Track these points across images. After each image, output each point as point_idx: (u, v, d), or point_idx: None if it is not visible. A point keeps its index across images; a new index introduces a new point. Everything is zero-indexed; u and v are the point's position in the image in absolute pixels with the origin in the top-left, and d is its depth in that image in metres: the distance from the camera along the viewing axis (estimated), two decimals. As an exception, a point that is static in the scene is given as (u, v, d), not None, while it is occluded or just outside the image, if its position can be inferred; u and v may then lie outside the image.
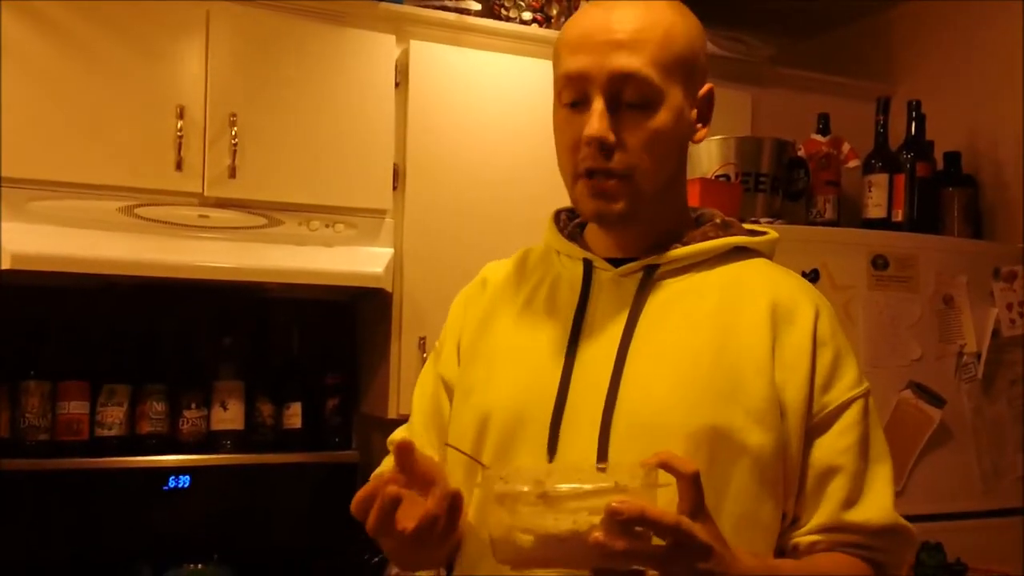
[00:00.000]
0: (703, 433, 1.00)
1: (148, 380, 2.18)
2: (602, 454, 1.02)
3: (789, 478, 1.03)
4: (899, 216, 2.53)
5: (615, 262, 1.11)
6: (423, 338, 2.25)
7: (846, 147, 2.64)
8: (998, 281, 2.45)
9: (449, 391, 1.19)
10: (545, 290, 1.15)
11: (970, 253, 2.46)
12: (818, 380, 1.05)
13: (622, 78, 1.03)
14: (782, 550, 1.05)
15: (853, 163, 2.63)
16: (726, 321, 1.06)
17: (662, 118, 1.05)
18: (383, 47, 2.27)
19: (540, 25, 2.50)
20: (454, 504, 0.94)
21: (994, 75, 2.72)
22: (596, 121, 1.03)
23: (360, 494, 0.93)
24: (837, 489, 1.03)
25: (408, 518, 0.92)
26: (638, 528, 0.83)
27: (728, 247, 1.12)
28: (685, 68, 1.06)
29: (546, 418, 1.06)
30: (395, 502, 0.91)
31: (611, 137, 1.03)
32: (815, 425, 1.05)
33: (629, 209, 1.06)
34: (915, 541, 1.08)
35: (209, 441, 2.20)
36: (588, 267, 1.12)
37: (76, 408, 2.11)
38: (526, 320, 1.13)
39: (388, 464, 1.20)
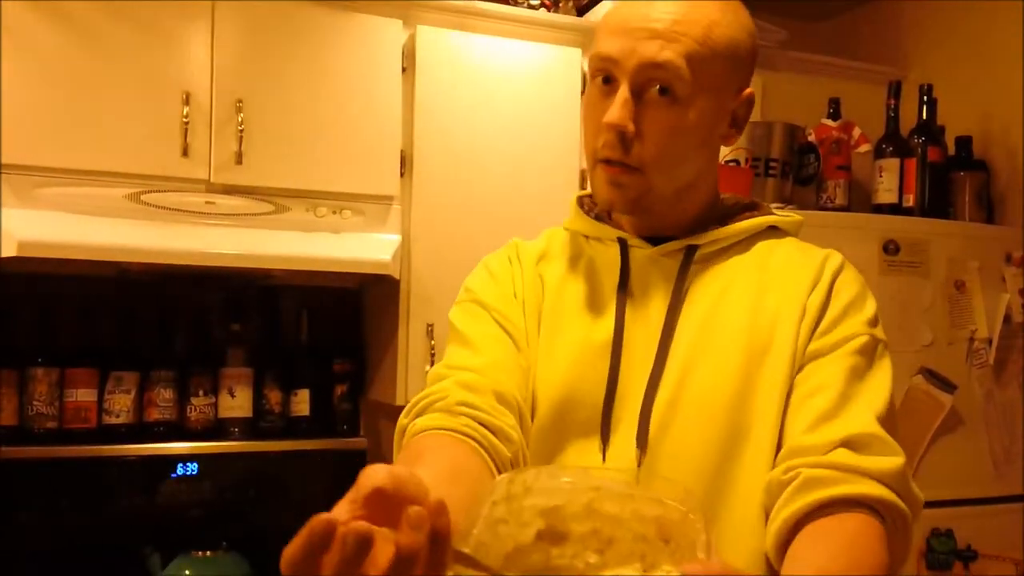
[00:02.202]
0: (743, 414, 1.01)
1: (156, 367, 2.18)
2: (642, 435, 1.03)
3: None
4: (910, 201, 2.51)
5: (650, 241, 1.10)
6: (431, 325, 2.25)
7: (857, 132, 2.61)
8: (1010, 266, 2.43)
9: (508, 324, 1.11)
10: (582, 268, 1.13)
11: (982, 238, 2.44)
12: (827, 318, 1.04)
13: (651, 67, 1.00)
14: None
15: (864, 148, 2.61)
16: (764, 299, 1.06)
17: (688, 115, 1.02)
18: (390, 32, 2.25)
19: (548, 10, 2.48)
20: (438, 534, 0.65)
21: (1006, 59, 2.69)
22: (617, 108, 1.01)
23: (297, 543, 0.63)
24: (818, 403, 1.00)
25: (372, 565, 0.63)
26: None
27: (764, 226, 1.12)
28: (723, 68, 1.04)
29: (597, 402, 1.05)
30: (363, 544, 0.62)
31: (630, 127, 1.01)
32: (816, 350, 1.03)
33: (640, 203, 1.06)
34: (900, 456, 0.97)
35: (217, 428, 2.20)
36: (624, 247, 1.11)
37: (84, 395, 2.11)
38: (566, 297, 1.12)
39: (443, 384, 1.05)
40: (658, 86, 1.01)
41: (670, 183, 1.06)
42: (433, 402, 1.03)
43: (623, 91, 1.01)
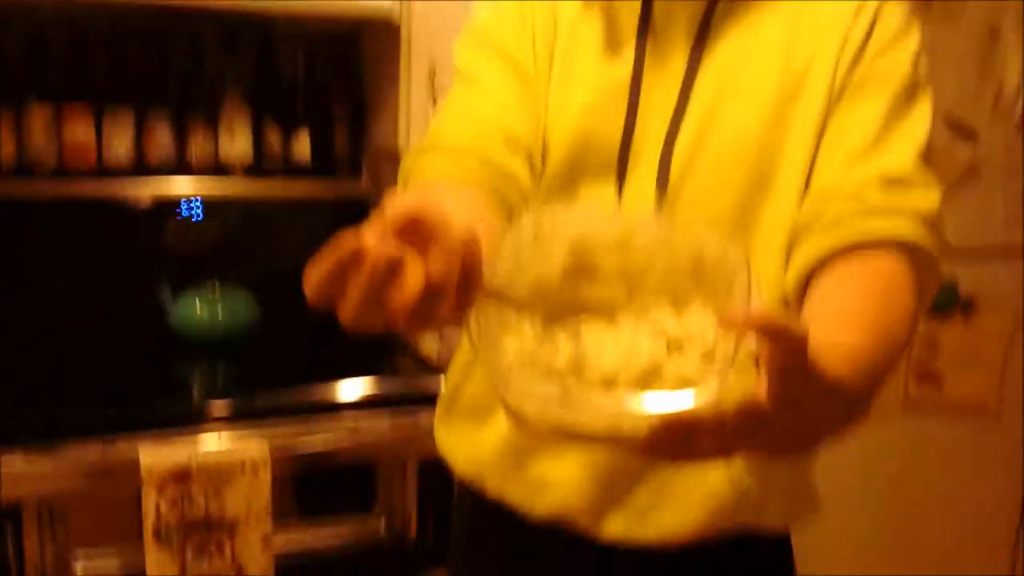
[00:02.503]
0: (772, 155, 0.96)
1: (152, 105, 2.11)
2: (663, 176, 0.99)
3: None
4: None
5: None
6: (433, 67, 2.15)
7: None
8: (1047, 13, 2.31)
9: (521, 73, 1.05)
10: (600, 6, 1.05)
11: (1021, -18, 2.31)
12: (871, 46, 0.96)
13: None
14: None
15: None
16: (800, 32, 0.99)
17: None
18: None
19: None
20: (469, 265, 0.61)
21: None
22: None
23: (323, 264, 0.60)
24: (854, 138, 0.95)
25: (400, 294, 0.60)
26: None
27: None
28: None
29: (614, 144, 1.00)
30: (392, 270, 0.59)
31: None
32: (852, 83, 0.97)
33: None
34: (937, 194, 0.93)
35: (218, 170, 2.17)
36: None
37: (82, 134, 2.06)
38: (584, 39, 1.04)
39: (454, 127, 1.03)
40: None
41: None
42: (438, 144, 0.99)
43: None
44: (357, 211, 2.15)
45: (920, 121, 0.97)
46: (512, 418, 0.68)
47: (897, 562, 2.23)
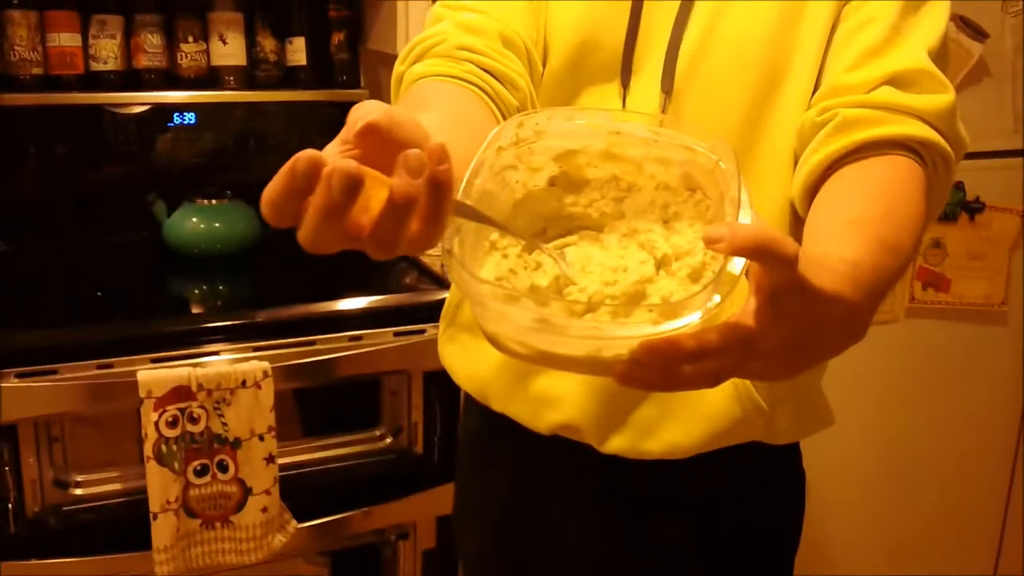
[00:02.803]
0: (781, 55, 0.93)
1: (140, 10, 2.04)
2: (668, 77, 0.95)
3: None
4: None
5: None
6: (431, -35, 2.08)
7: None
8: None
9: None
10: None
11: None
12: None
13: None
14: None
15: None
16: None
17: None
18: None
19: None
20: (438, 181, 0.55)
21: None
22: None
23: (278, 181, 0.55)
24: (865, 38, 0.91)
25: (362, 211, 0.56)
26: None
27: None
28: None
29: (617, 42, 0.97)
30: (351, 185, 0.53)
31: None
32: None
33: None
34: (950, 93, 0.89)
35: (211, 77, 2.10)
36: None
37: (67, 40, 1.99)
38: None
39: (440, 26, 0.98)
40: None
41: None
42: (432, 46, 0.94)
43: None
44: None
45: (934, 19, 0.92)
46: (492, 343, 0.65)
47: (901, 471, 2.26)
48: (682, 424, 1.00)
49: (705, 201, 0.72)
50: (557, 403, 1.04)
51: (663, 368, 0.58)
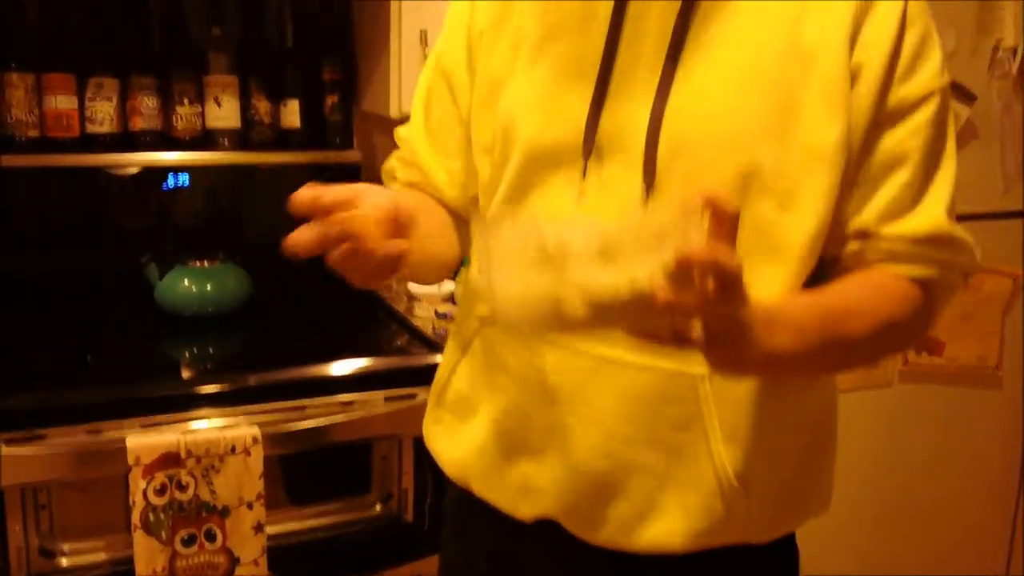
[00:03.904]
0: (768, 136, 0.90)
1: (136, 73, 2.06)
2: (649, 167, 0.92)
3: (845, 175, 0.93)
4: None
5: None
6: (424, 30, 2.10)
7: None
8: (1048, -32, 2.27)
9: (450, 81, 1.09)
10: None
11: (1022, -64, 2.26)
12: (901, 64, 0.92)
13: None
14: (825, 258, 0.97)
15: None
16: (802, 6, 0.92)
17: None
18: None
19: None
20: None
21: None
22: None
23: (312, 238, 0.85)
24: (892, 189, 0.94)
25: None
26: (700, 280, 0.71)
27: None
28: None
29: (580, 128, 0.95)
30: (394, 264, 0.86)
31: None
32: (888, 115, 0.93)
33: None
34: (971, 251, 0.98)
35: (205, 139, 2.11)
36: None
37: (63, 103, 2.00)
38: (556, 3, 0.99)
39: (391, 159, 1.19)
40: None
41: None
42: (386, 175, 1.19)
43: None
44: (349, 179, 2.11)
45: (952, 152, 0.96)
46: (519, 324, 0.75)
47: (897, 530, 2.24)
48: (663, 522, 0.98)
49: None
50: (537, 494, 1.03)
51: (690, 281, 0.70)
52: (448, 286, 2.09)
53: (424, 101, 1.14)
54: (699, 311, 0.73)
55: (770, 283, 0.93)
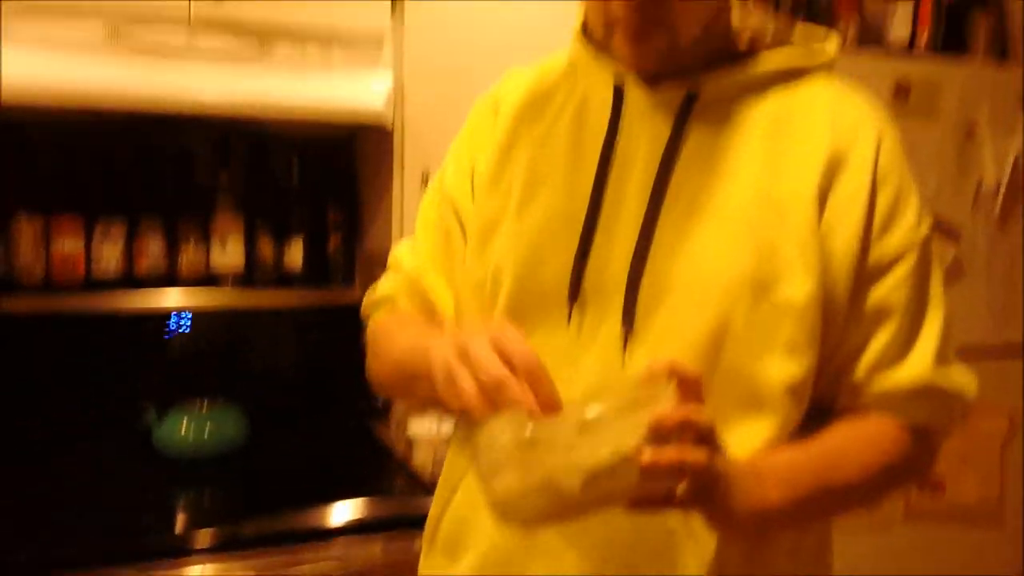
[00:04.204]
0: (743, 288, 0.93)
1: (143, 216, 2.11)
2: (628, 315, 0.95)
3: (830, 331, 0.96)
4: (923, 40, 2.41)
5: (650, 79, 0.99)
6: (426, 173, 2.17)
7: (871, -34, 2.48)
8: (1022, 110, 2.36)
9: (458, 216, 1.10)
10: (568, 116, 1.04)
11: (995, 80, 2.36)
12: (876, 222, 0.96)
13: None
14: (817, 408, 1.00)
15: (878, -17, 2.48)
16: (775, 161, 0.96)
17: None
18: None
19: None
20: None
21: None
22: None
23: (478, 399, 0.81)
24: (880, 343, 0.97)
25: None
26: (677, 439, 0.78)
27: (781, 71, 1.00)
28: None
29: (566, 277, 0.98)
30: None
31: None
32: (867, 275, 0.96)
33: (669, 59, 0.96)
34: (962, 399, 1.00)
35: (209, 280, 2.15)
36: (618, 94, 1.01)
37: (71, 247, 2.04)
38: (548, 151, 1.03)
39: (386, 286, 1.19)
40: None
41: (699, 24, 0.95)
42: (382, 302, 1.18)
43: None
44: (351, 319, 2.14)
45: (940, 301, 0.99)
46: (505, 513, 0.79)
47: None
48: None
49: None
50: None
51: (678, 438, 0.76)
52: (447, 428, 2.09)
53: (434, 230, 1.14)
54: (682, 468, 0.78)
55: (755, 435, 0.94)
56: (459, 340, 0.84)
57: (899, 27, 2.40)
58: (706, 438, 0.80)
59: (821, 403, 1.00)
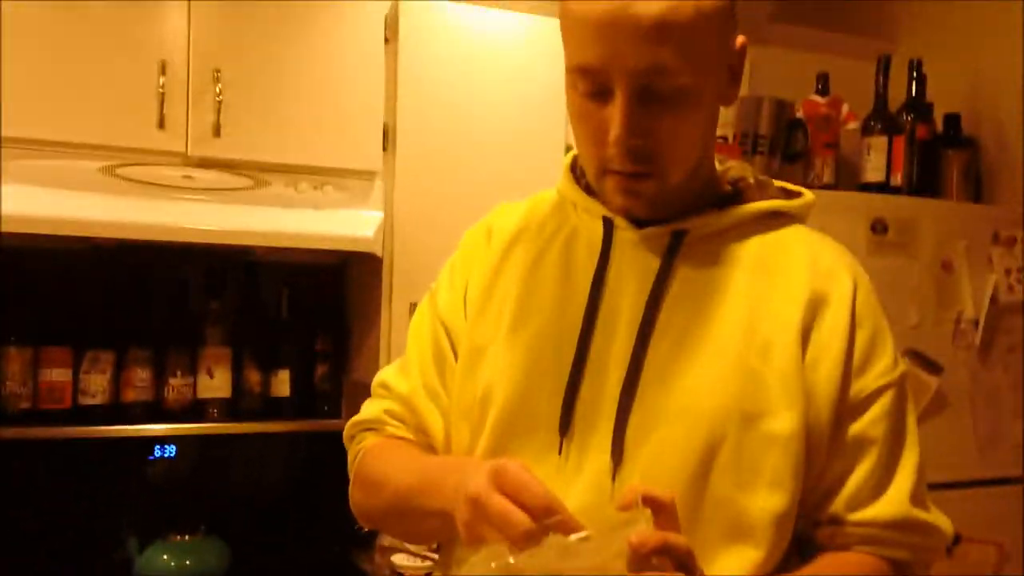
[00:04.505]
0: (730, 420, 0.95)
1: (133, 346, 2.12)
2: (617, 446, 0.97)
3: (812, 463, 0.98)
4: (898, 179, 2.49)
5: (638, 222, 1.03)
6: (414, 304, 2.19)
7: (845, 108, 2.58)
8: (997, 246, 2.42)
9: (451, 336, 1.10)
10: (559, 246, 1.07)
11: (969, 217, 2.43)
12: (856, 359, 1.00)
13: (649, 72, 0.90)
14: (799, 537, 1.01)
15: (852, 125, 2.58)
16: (759, 298, 0.99)
17: (701, 108, 0.95)
18: (372, 2, 2.18)
19: (535, -21, 2.41)
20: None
21: (995, 34, 2.66)
22: (623, 126, 0.92)
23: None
24: (858, 478, 0.99)
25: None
26: (654, 561, 0.80)
27: (763, 212, 1.04)
28: (717, 36, 0.95)
29: (555, 404, 1.00)
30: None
31: (640, 141, 0.93)
32: (847, 410, 0.99)
33: (657, 201, 1.00)
34: (940, 534, 1.02)
35: (195, 409, 2.15)
36: (608, 227, 1.04)
37: (58, 375, 2.05)
38: (539, 279, 1.06)
39: (374, 410, 1.16)
40: (662, 87, 0.91)
41: (685, 170, 0.99)
42: (368, 429, 1.15)
43: (621, 102, 0.92)
44: (336, 448, 2.13)
45: (914, 439, 1.02)
46: None
47: None
48: None
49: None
50: None
51: (648, 565, 0.78)
52: (431, 559, 2.06)
53: (427, 349, 1.12)
54: None
55: (742, 564, 0.95)
56: (473, 495, 0.85)
57: (875, 167, 2.49)
58: (684, 563, 0.81)
59: (803, 533, 1.01)
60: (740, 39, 1.00)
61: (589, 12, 0.91)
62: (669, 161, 0.96)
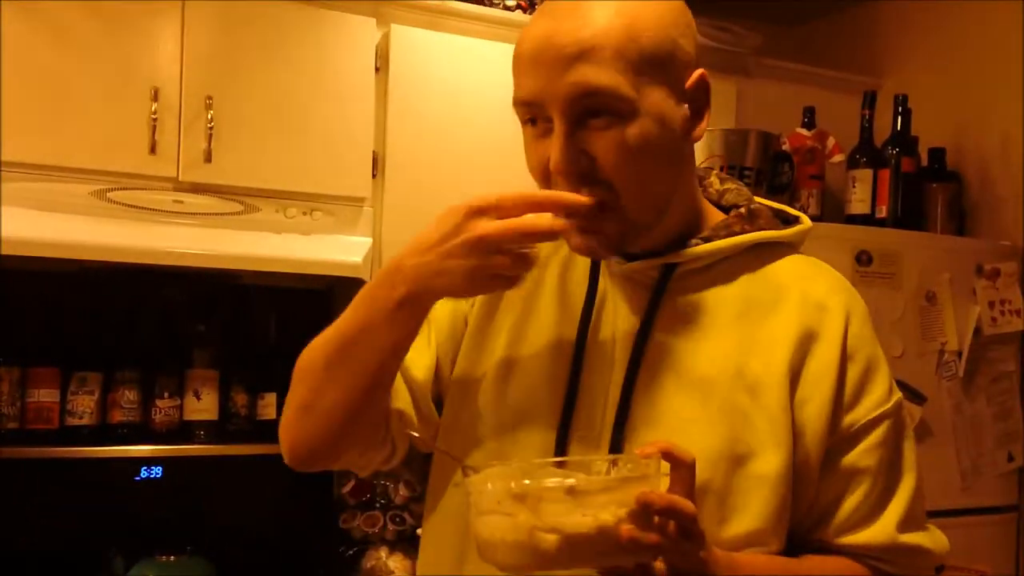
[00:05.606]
0: (719, 456, 0.95)
1: (120, 367, 2.14)
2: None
3: (802, 495, 0.99)
4: (883, 212, 2.52)
5: (628, 255, 1.01)
6: (401, 327, 2.22)
7: (831, 141, 2.62)
8: (980, 278, 2.45)
9: (430, 323, 1.08)
10: (556, 273, 1.07)
11: (953, 250, 2.45)
12: (846, 397, 0.99)
13: (582, 95, 0.90)
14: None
15: (838, 158, 2.61)
16: (748, 336, 0.99)
17: (640, 126, 0.91)
18: (363, 30, 2.22)
19: (524, 11, 2.46)
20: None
21: (980, 69, 2.71)
22: (561, 151, 0.91)
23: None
24: (849, 507, 0.99)
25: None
26: (659, 519, 0.82)
27: (754, 243, 1.03)
28: (661, 62, 0.92)
29: (549, 438, 1.00)
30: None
31: (580, 166, 0.92)
32: (839, 443, 0.99)
33: (620, 240, 0.97)
34: (928, 555, 1.02)
35: (182, 431, 2.16)
36: (596, 261, 1.04)
37: (46, 396, 2.06)
38: (533, 313, 1.06)
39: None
40: (597, 110, 0.91)
41: (648, 207, 0.96)
42: None
43: (559, 130, 0.91)
44: (321, 472, 2.14)
45: (911, 466, 1.02)
46: (511, 555, 0.81)
47: None
48: None
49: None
50: None
51: (652, 522, 0.80)
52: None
53: None
54: (660, 549, 0.82)
55: None
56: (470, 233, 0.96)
57: (860, 199, 2.52)
58: (688, 528, 0.82)
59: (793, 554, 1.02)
60: (698, 72, 0.97)
61: (521, 48, 0.94)
62: (624, 189, 0.93)
